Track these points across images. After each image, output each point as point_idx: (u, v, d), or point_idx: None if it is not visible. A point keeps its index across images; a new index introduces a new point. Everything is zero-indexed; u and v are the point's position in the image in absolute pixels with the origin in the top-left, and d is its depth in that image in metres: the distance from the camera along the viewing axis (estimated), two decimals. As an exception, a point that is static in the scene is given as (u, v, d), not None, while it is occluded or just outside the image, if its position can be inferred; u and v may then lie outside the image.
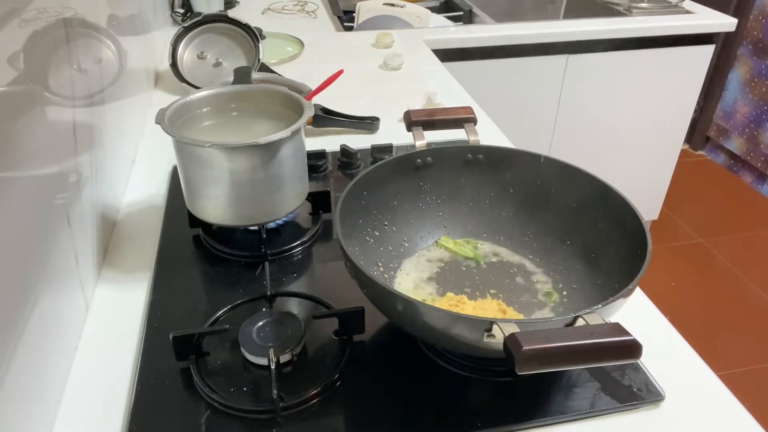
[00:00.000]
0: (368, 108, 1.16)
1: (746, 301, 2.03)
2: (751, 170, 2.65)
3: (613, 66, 1.76)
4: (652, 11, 1.81)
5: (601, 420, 0.58)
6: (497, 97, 1.71)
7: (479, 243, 0.77)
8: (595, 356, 0.46)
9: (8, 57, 0.54)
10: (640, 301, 0.72)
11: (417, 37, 1.60)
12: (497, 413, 0.58)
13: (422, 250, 0.76)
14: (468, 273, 0.73)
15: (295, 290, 0.72)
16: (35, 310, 0.54)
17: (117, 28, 0.98)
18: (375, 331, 0.66)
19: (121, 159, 0.94)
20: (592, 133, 1.89)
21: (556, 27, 1.69)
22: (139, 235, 0.83)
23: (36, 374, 0.54)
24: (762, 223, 2.41)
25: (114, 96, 0.92)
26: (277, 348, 0.61)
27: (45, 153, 0.61)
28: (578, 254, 0.71)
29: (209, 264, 0.77)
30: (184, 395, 0.59)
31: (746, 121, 2.62)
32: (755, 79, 2.55)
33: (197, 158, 0.70)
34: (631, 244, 0.61)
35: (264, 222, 0.76)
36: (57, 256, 0.61)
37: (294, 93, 0.78)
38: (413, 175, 0.75)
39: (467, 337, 0.52)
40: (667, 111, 1.91)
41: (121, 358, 0.64)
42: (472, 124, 0.77)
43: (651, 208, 2.13)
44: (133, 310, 0.70)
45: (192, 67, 1.24)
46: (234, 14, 1.32)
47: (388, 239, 0.74)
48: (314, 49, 1.50)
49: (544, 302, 0.69)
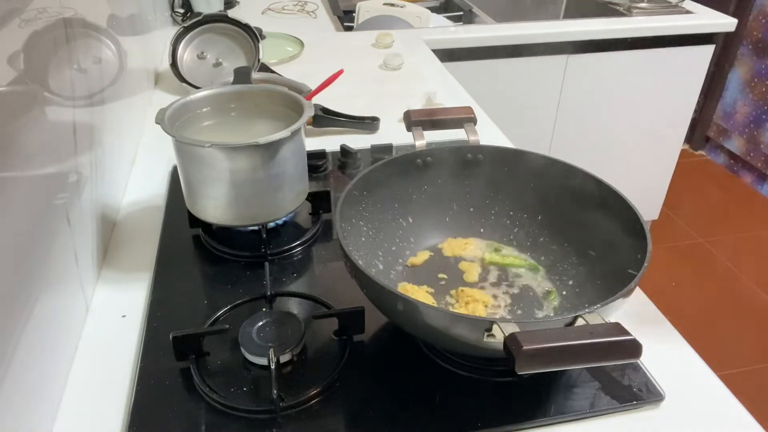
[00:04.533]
0: (368, 108, 1.16)
1: (746, 301, 2.03)
2: (751, 170, 2.65)
3: (613, 66, 1.76)
4: (652, 11, 1.81)
5: (601, 420, 0.58)
6: (497, 97, 1.71)
7: (502, 246, 0.76)
8: (595, 356, 0.46)
9: (8, 57, 0.54)
10: (640, 301, 0.72)
11: (417, 37, 1.60)
12: (497, 413, 0.57)
13: (422, 250, 0.76)
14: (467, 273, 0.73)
15: (295, 290, 0.72)
16: (35, 310, 0.54)
17: (117, 28, 0.98)
18: (375, 331, 0.66)
19: (121, 159, 0.94)
20: (592, 133, 1.89)
21: (556, 27, 1.69)
22: (139, 235, 0.83)
23: (36, 374, 0.54)
24: (762, 223, 2.41)
25: (114, 96, 0.92)
26: (277, 348, 0.61)
27: (45, 153, 0.61)
28: (578, 254, 0.71)
29: (209, 264, 0.77)
30: (184, 395, 0.59)
31: (746, 121, 2.62)
32: (755, 79, 2.55)
33: (197, 158, 0.70)
34: (631, 244, 0.61)
35: (264, 222, 0.76)
36: (57, 256, 0.61)
37: (294, 93, 0.78)
38: (413, 175, 0.75)
39: (467, 337, 0.52)
40: (667, 111, 1.91)
41: (121, 358, 0.64)
42: (472, 124, 0.77)
43: (651, 208, 2.13)
44: (133, 310, 0.70)
45: (192, 67, 1.24)
46: (234, 14, 1.32)
47: (388, 239, 0.74)
48: (314, 49, 1.50)
49: (544, 302, 0.69)
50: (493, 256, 0.75)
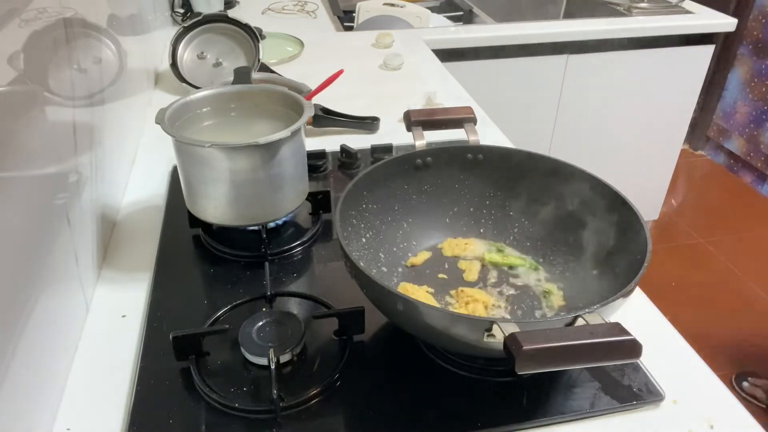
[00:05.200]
0: (368, 108, 1.16)
1: (746, 301, 2.03)
2: (751, 170, 2.65)
3: (613, 66, 1.76)
4: (652, 11, 1.81)
5: (601, 420, 0.58)
6: (497, 97, 1.70)
7: (504, 246, 0.76)
8: (595, 356, 0.46)
9: (8, 57, 0.54)
10: (640, 301, 0.72)
11: (417, 37, 1.60)
12: (497, 413, 0.57)
13: (422, 250, 0.76)
14: (468, 273, 0.73)
15: (295, 290, 0.72)
16: (35, 310, 0.54)
17: (117, 28, 0.98)
18: (375, 331, 0.66)
19: (121, 159, 0.94)
20: (592, 133, 1.89)
21: (556, 27, 1.69)
22: (139, 235, 0.83)
23: (36, 374, 0.54)
24: (762, 223, 2.41)
25: (114, 96, 0.92)
26: (277, 348, 0.61)
27: (45, 153, 0.61)
28: (578, 254, 0.71)
29: (209, 264, 0.77)
30: (184, 395, 0.59)
31: (746, 121, 2.62)
32: (755, 79, 2.55)
33: (197, 158, 0.70)
34: (631, 244, 0.61)
35: (264, 222, 0.76)
36: (57, 256, 0.61)
37: (294, 93, 0.78)
38: (413, 175, 0.75)
39: (467, 337, 0.52)
40: (667, 111, 1.91)
41: (121, 358, 0.64)
42: (472, 124, 0.77)
43: (651, 208, 2.13)
44: (133, 310, 0.70)
45: (192, 67, 1.24)
46: (234, 14, 1.32)
47: (388, 239, 0.74)
48: (314, 49, 1.50)
49: (544, 302, 0.69)
50: (493, 256, 0.75)
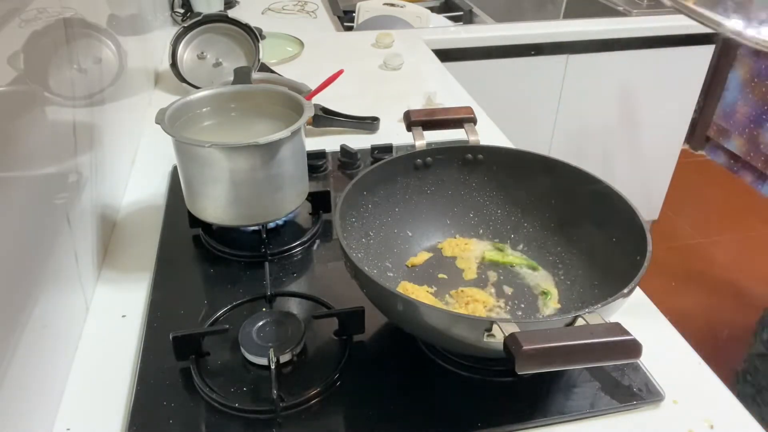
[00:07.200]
0: (368, 108, 1.16)
1: (746, 300, 2.03)
2: (751, 170, 2.64)
3: (613, 66, 1.76)
4: (652, 11, 1.81)
5: (601, 420, 0.58)
6: (497, 97, 1.70)
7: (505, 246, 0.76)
8: (595, 356, 0.46)
9: (8, 57, 0.54)
10: (640, 301, 0.72)
11: (417, 37, 1.60)
12: (497, 413, 0.57)
13: (422, 250, 0.76)
14: (467, 273, 0.73)
15: (295, 290, 0.72)
16: (35, 310, 0.54)
17: (117, 28, 0.98)
18: (375, 331, 0.66)
19: (121, 159, 0.94)
20: (592, 133, 1.89)
21: (556, 27, 1.69)
22: (139, 235, 0.83)
23: (36, 374, 0.54)
24: (762, 223, 2.41)
25: (114, 96, 0.92)
26: (277, 348, 0.61)
27: (45, 153, 0.61)
28: (578, 254, 0.71)
29: (209, 264, 0.77)
30: (184, 395, 0.59)
31: (746, 121, 2.62)
32: (755, 79, 2.55)
33: (197, 158, 0.70)
34: (631, 244, 0.61)
35: (264, 222, 0.76)
36: (57, 256, 0.61)
37: (294, 93, 0.78)
38: (413, 175, 0.75)
39: (467, 337, 0.52)
40: (667, 111, 1.91)
41: (121, 358, 0.64)
42: (472, 124, 0.77)
43: (651, 208, 2.13)
44: (133, 310, 0.70)
45: (192, 67, 1.24)
46: (234, 14, 1.32)
47: (389, 239, 0.74)
48: (314, 49, 1.50)
49: (544, 302, 0.69)
50: (493, 256, 0.75)
